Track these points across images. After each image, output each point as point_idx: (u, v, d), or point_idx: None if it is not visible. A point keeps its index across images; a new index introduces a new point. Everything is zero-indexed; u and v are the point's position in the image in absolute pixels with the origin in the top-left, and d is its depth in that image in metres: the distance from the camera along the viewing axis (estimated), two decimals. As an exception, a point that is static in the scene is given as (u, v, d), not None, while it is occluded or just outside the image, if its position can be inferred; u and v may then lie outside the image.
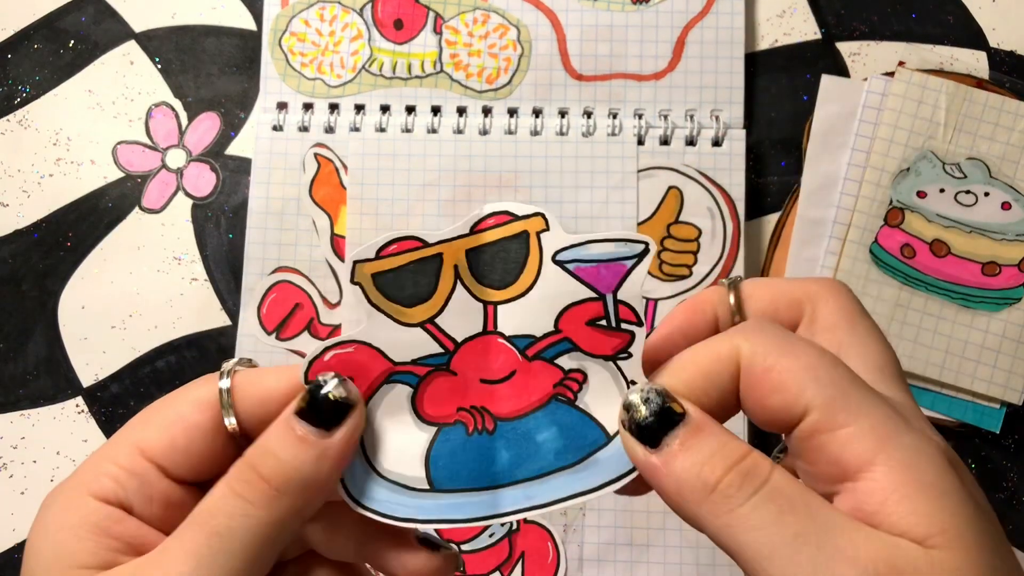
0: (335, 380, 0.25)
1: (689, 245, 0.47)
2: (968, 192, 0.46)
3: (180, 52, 0.50)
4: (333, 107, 0.49)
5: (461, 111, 0.48)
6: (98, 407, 0.47)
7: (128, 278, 0.48)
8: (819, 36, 0.49)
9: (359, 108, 0.49)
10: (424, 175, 0.47)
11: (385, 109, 0.48)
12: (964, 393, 0.46)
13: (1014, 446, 0.47)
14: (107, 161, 0.49)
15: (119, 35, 0.50)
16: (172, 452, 0.25)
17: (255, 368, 0.26)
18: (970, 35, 0.49)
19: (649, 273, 0.46)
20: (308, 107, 0.48)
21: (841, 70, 0.49)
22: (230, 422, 0.25)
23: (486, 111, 0.48)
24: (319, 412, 0.24)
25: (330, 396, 0.24)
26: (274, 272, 0.47)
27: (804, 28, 0.50)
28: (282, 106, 0.48)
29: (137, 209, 0.48)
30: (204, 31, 0.50)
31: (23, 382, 0.47)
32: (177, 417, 0.25)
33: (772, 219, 0.48)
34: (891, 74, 0.47)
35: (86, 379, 0.47)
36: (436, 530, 0.28)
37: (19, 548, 0.46)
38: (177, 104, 0.49)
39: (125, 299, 0.48)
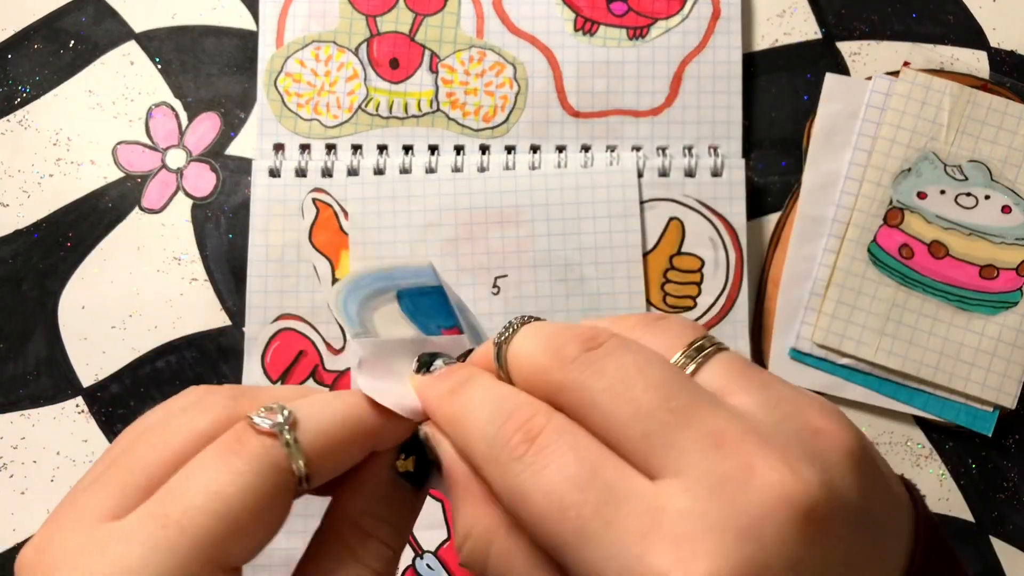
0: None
1: (692, 276, 0.47)
2: (969, 194, 0.46)
3: (180, 52, 0.50)
4: (330, 148, 0.48)
5: (458, 149, 0.48)
6: (98, 407, 0.47)
7: (128, 278, 0.48)
8: (819, 36, 0.49)
9: (356, 148, 0.48)
10: (425, 215, 0.47)
11: (382, 149, 0.48)
12: (957, 395, 0.46)
13: (1014, 446, 0.47)
14: (107, 161, 0.49)
15: (119, 35, 0.50)
16: (254, 552, 0.23)
17: (299, 407, 0.25)
18: (970, 35, 0.49)
19: (654, 306, 0.46)
20: (305, 148, 0.48)
21: (841, 70, 0.49)
22: (299, 469, 0.23)
23: (483, 149, 0.48)
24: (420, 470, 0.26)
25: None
26: (276, 320, 0.47)
27: (804, 28, 0.49)
28: (279, 148, 0.48)
29: (137, 209, 0.48)
30: (204, 31, 0.50)
31: (23, 382, 0.47)
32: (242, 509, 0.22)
33: (772, 219, 0.48)
34: (895, 74, 0.47)
35: (86, 379, 0.47)
36: None
37: (19, 548, 0.46)
38: (177, 104, 0.49)
39: (125, 299, 0.48)
